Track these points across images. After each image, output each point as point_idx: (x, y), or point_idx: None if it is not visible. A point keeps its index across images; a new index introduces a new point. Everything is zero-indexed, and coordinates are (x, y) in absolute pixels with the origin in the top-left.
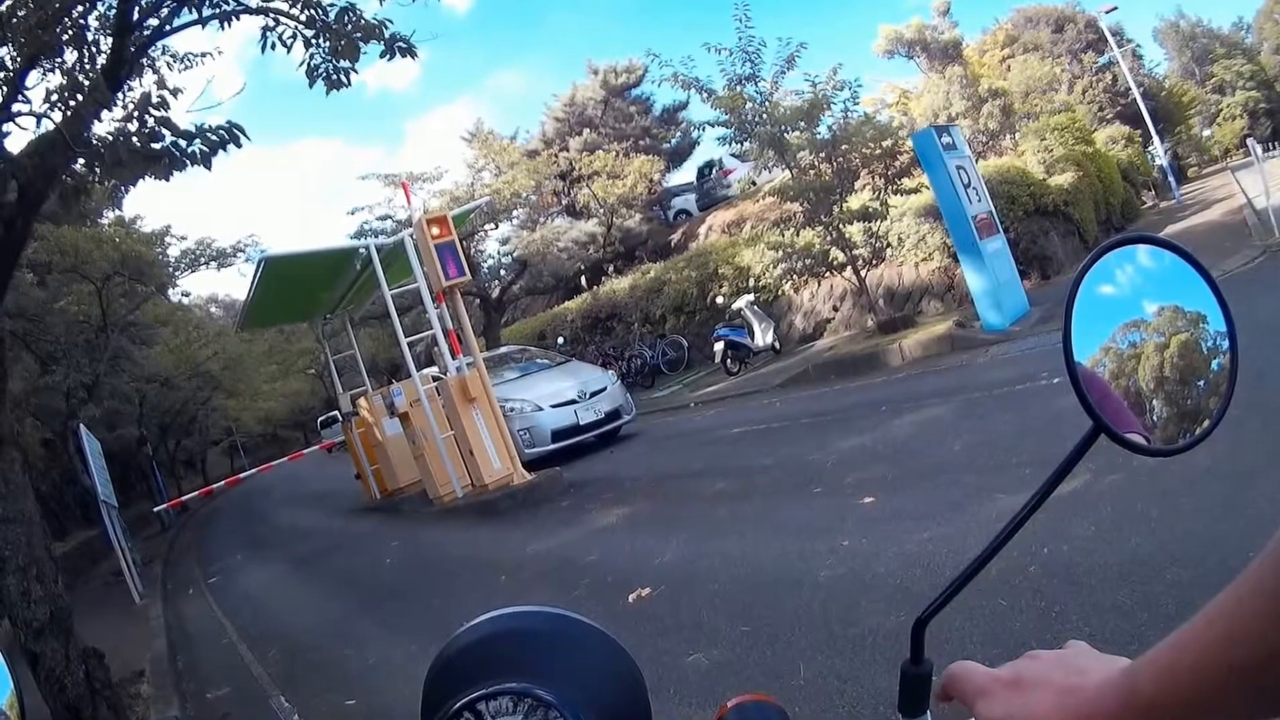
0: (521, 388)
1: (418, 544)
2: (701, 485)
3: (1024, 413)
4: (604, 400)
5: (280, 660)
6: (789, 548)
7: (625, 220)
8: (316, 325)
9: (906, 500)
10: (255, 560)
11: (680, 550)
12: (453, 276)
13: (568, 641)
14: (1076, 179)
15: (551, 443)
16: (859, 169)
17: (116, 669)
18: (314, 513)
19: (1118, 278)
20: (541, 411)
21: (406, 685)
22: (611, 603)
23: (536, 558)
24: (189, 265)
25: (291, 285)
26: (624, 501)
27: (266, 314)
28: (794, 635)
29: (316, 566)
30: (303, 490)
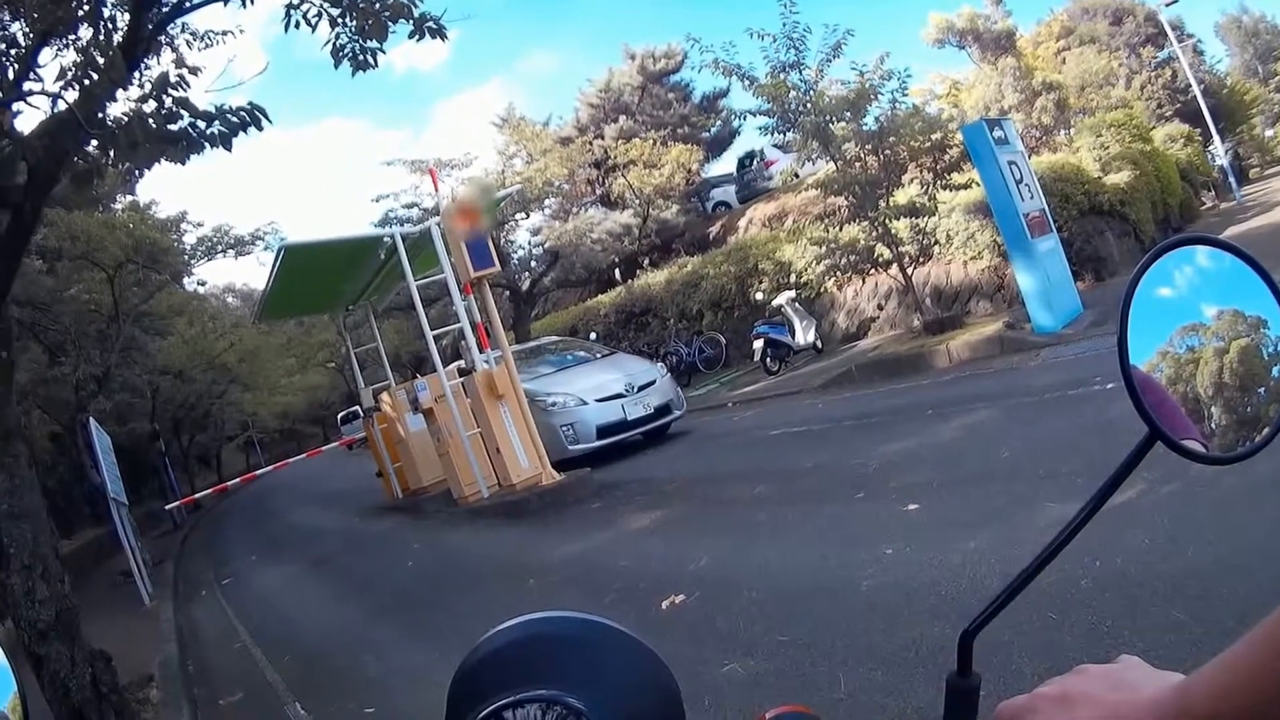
0: (563, 381)
1: (441, 546)
2: (739, 488)
3: (1076, 419)
4: (653, 394)
5: (295, 666)
6: (830, 555)
7: (662, 211)
8: (338, 317)
9: (952, 508)
10: (270, 561)
11: (716, 556)
12: (482, 267)
13: (600, 648)
14: (1133, 178)
15: (597, 439)
16: (906, 162)
17: (125, 672)
18: (332, 512)
19: (1175, 279)
20: (586, 406)
21: (428, 694)
22: (644, 609)
23: (566, 561)
24: (205, 253)
25: (312, 275)
26: (657, 504)
27: (285, 304)
28: (834, 646)
29: (334, 568)
30: (320, 488)
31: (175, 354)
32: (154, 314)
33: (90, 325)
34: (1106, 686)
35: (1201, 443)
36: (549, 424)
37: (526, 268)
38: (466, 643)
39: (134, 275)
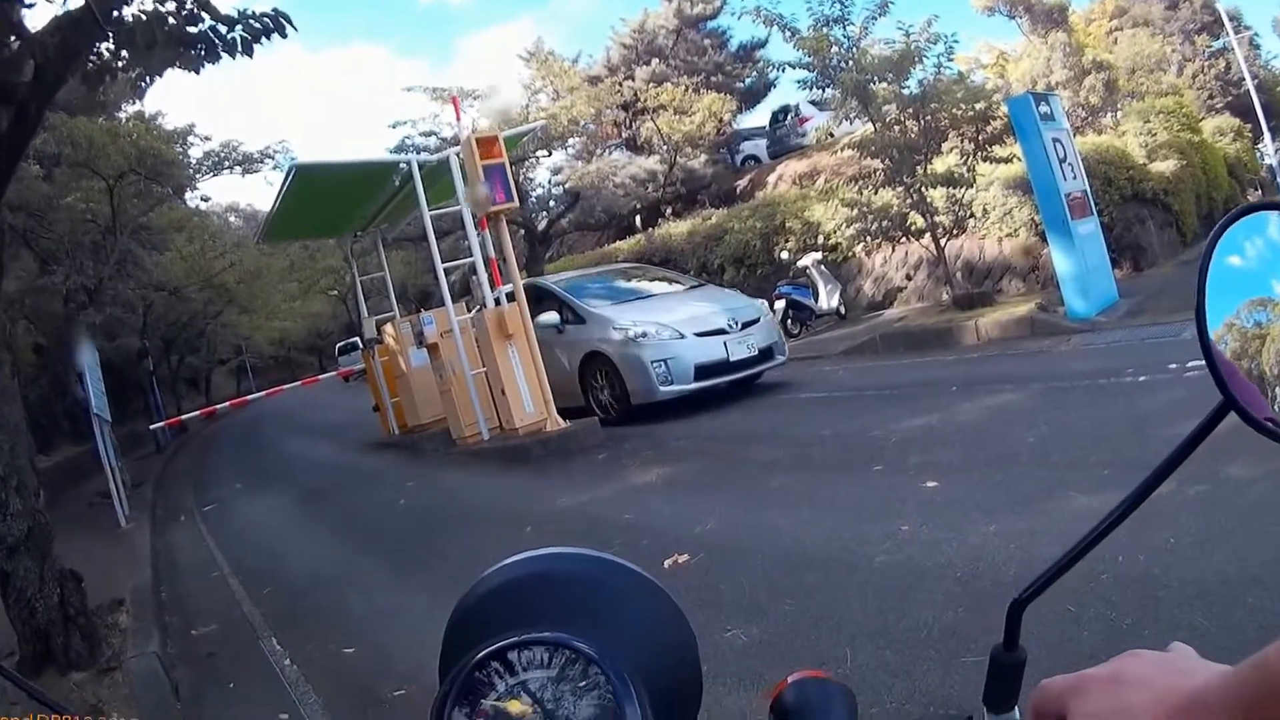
0: (653, 309)
1: (436, 486)
2: (752, 450)
3: (1106, 410)
4: (757, 334)
5: (275, 600)
6: (843, 527)
7: (689, 160)
8: (345, 243)
9: (972, 489)
10: (255, 491)
11: (724, 518)
12: (500, 201)
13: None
14: (1179, 168)
15: (694, 381)
16: (947, 130)
17: (94, 596)
18: (324, 444)
19: (1246, 250)
20: (684, 340)
21: (413, 636)
22: (647, 567)
23: (566, 512)
24: (211, 168)
25: (322, 197)
26: (665, 461)
27: (292, 226)
28: (842, 620)
29: (322, 502)
30: (313, 419)
31: (172, 270)
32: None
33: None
34: (1159, 671)
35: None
36: (635, 358)
37: (544, 207)
38: (457, 586)
39: (135, 186)
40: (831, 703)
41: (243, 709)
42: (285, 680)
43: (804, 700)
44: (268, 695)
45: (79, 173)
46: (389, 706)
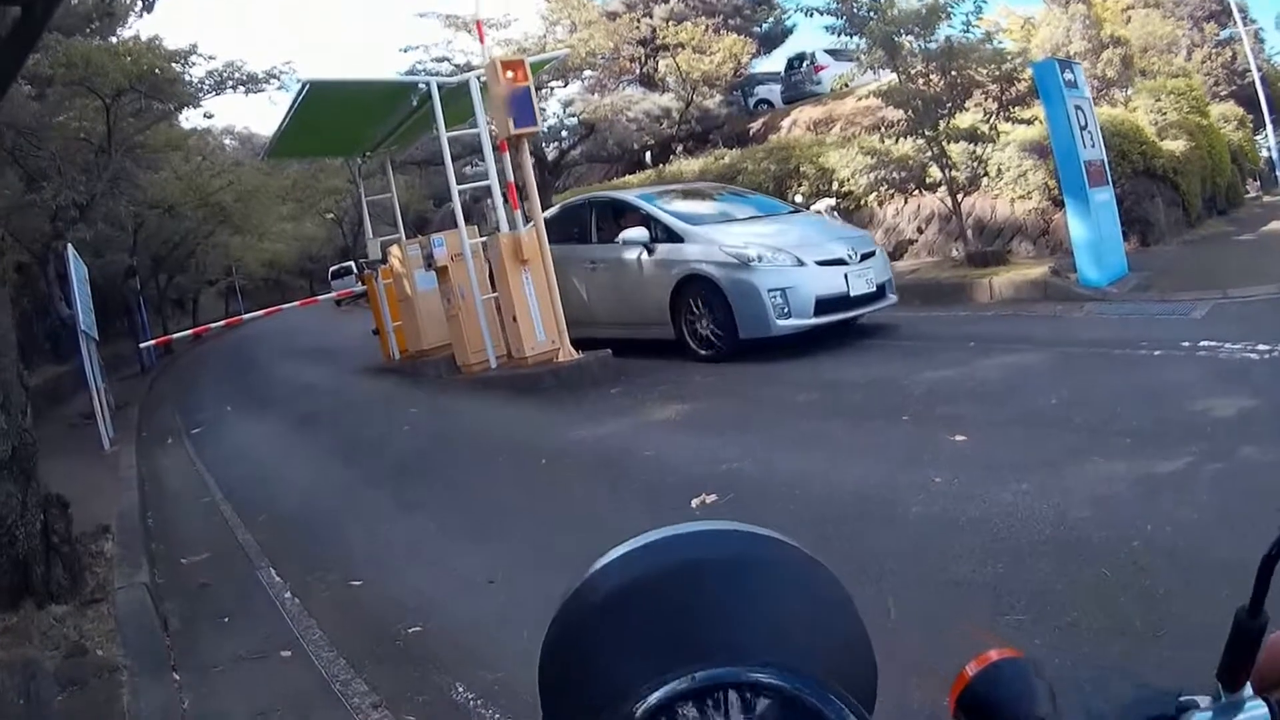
0: (763, 233)
1: (442, 413)
2: (780, 393)
3: (1124, 379)
4: (874, 268)
5: (271, 528)
6: (874, 475)
7: (705, 99)
8: (353, 163)
9: (1000, 446)
10: (248, 414)
11: (751, 459)
12: (523, 125)
13: (779, 579)
14: (1189, 149)
15: (814, 315)
16: (972, 87)
17: (78, 522)
18: (319, 367)
19: None
20: (804, 268)
21: (424, 570)
22: (673, 506)
23: (581, 445)
24: (214, 87)
25: (334, 115)
26: (684, 397)
27: (300, 144)
28: (882, 571)
29: (320, 427)
30: (305, 342)
31: (168, 188)
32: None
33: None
34: None
35: None
36: (748, 285)
37: (556, 137)
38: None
39: (133, 104)
40: (1026, 685)
41: (240, 644)
42: (286, 613)
43: (993, 689)
44: (266, 629)
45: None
46: (402, 645)
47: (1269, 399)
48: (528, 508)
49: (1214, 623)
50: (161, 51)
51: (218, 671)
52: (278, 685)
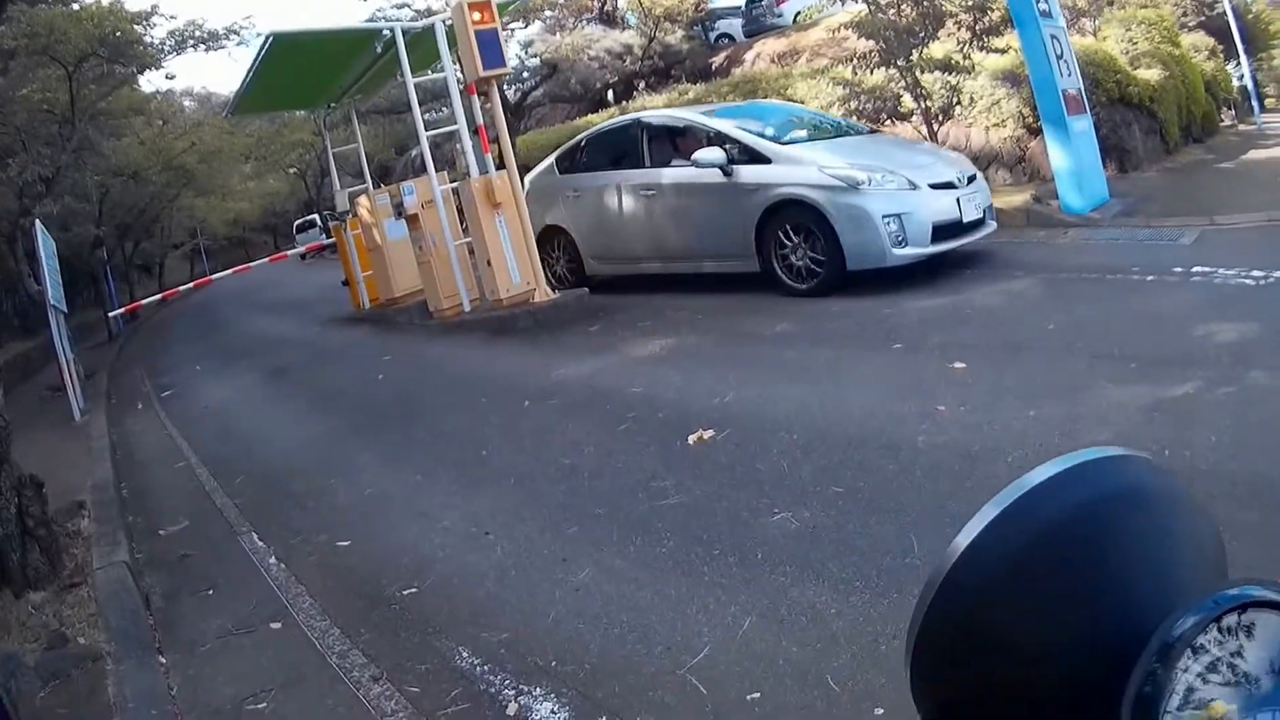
0: (859, 151)
1: (417, 360)
2: (760, 324)
3: (1121, 305)
4: (980, 192)
5: (250, 489)
6: (875, 405)
7: (667, 35)
8: (318, 114)
9: (1004, 373)
10: (218, 372)
11: (743, 392)
12: (491, 67)
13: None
14: (1163, 77)
15: (930, 243)
16: (944, 18)
17: (52, 499)
18: (287, 321)
19: None
20: (917, 191)
21: (413, 525)
22: (668, 442)
23: (565, 384)
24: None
25: (299, 67)
26: (665, 332)
27: (265, 98)
28: (899, 504)
29: (293, 380)
30: (272, 296)
31: (131, 154)
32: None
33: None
34: None
35: None
36: (859, 210)
37: (518, 79)
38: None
39: (96, 70)
40: None
41: (226, 618)
42: (272, 581)
43: None
44: (254, 600)
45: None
46: (398, 608)
47: (1271, 325)
48: (515, 452)
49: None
50: (123, 14)
51: (205, 650)
52: (269, 661)
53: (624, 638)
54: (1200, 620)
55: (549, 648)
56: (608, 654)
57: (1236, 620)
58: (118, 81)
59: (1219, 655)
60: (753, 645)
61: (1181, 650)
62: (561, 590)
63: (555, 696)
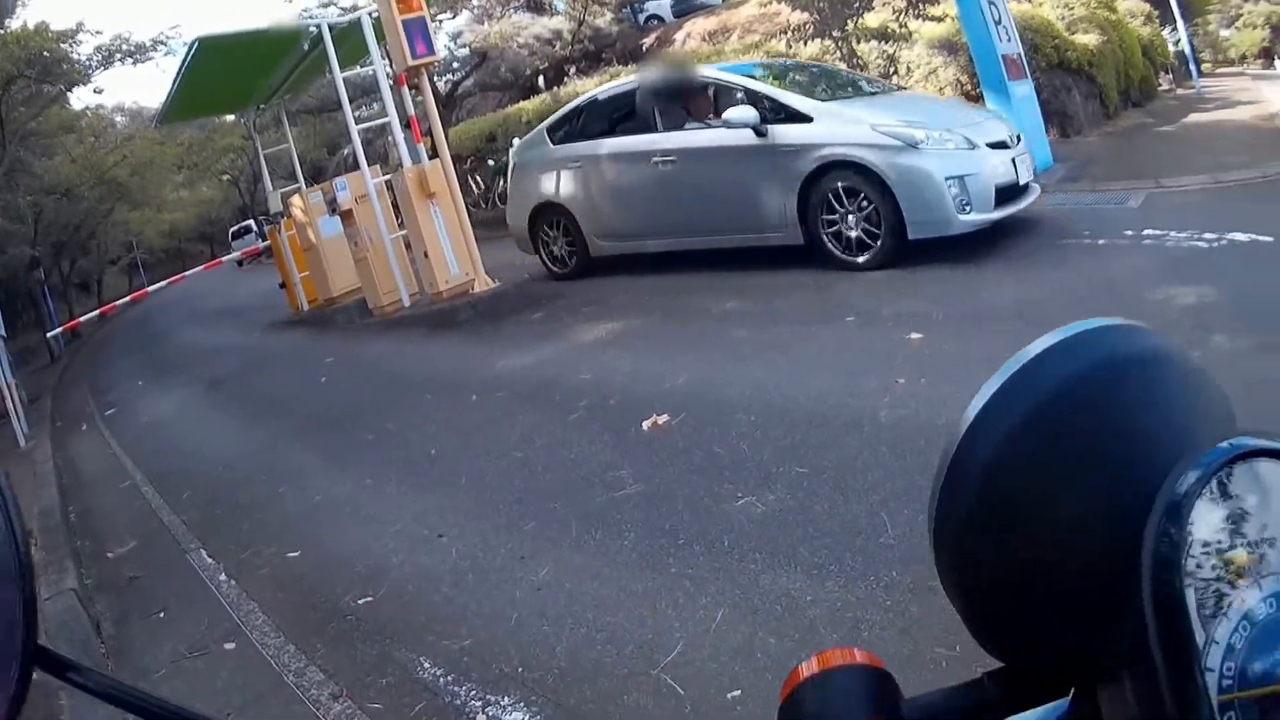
0: (909, 109)
1: (359, 360)
2: (705, 302)
3: (1074, 270)
4: (1028, 154)
5: (196, 505)
6: (832, 381)
7: (596, 18)
8: (248, 117)
9: (963, 342)
10: (159, 386)
11: (696, 374)
12: (421, 54)
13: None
14: (1101, 42)
15: (994, 208)
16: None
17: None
18: (228, 329)
19: None
20: (976, 151)
21: (365, 529)
22: (622, 430)
23: (512, 375)
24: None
25: (226, 70)
26: (610, 316)
27: (193, 104)
28: (865, 482)
29: (234, 389)
30: (209, 305)
31: (64, 171)
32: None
33: None
34: None
35: None
36: (921, 172)
37: (448, 69)
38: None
39: (24, 92)
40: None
41: (179, 640)
42: (224, 599)
43: (823, 702)
44: (205, 620)
45: None
46: (354, 619)
47: (1228, 288)
48: (464, 449)
49: None
50: (48, 34)
51: (159, 677)
52: (225, 683)
53: (592, 638)
54: (1204, 474)
55: (514, 653)
56: (576, 657)
57: (1247, 471)
58: (47, 100)
59: (1233, 509)
60: (727, 639)
61: (1190, 505)
62: (522, 590)
63: (525, 705)
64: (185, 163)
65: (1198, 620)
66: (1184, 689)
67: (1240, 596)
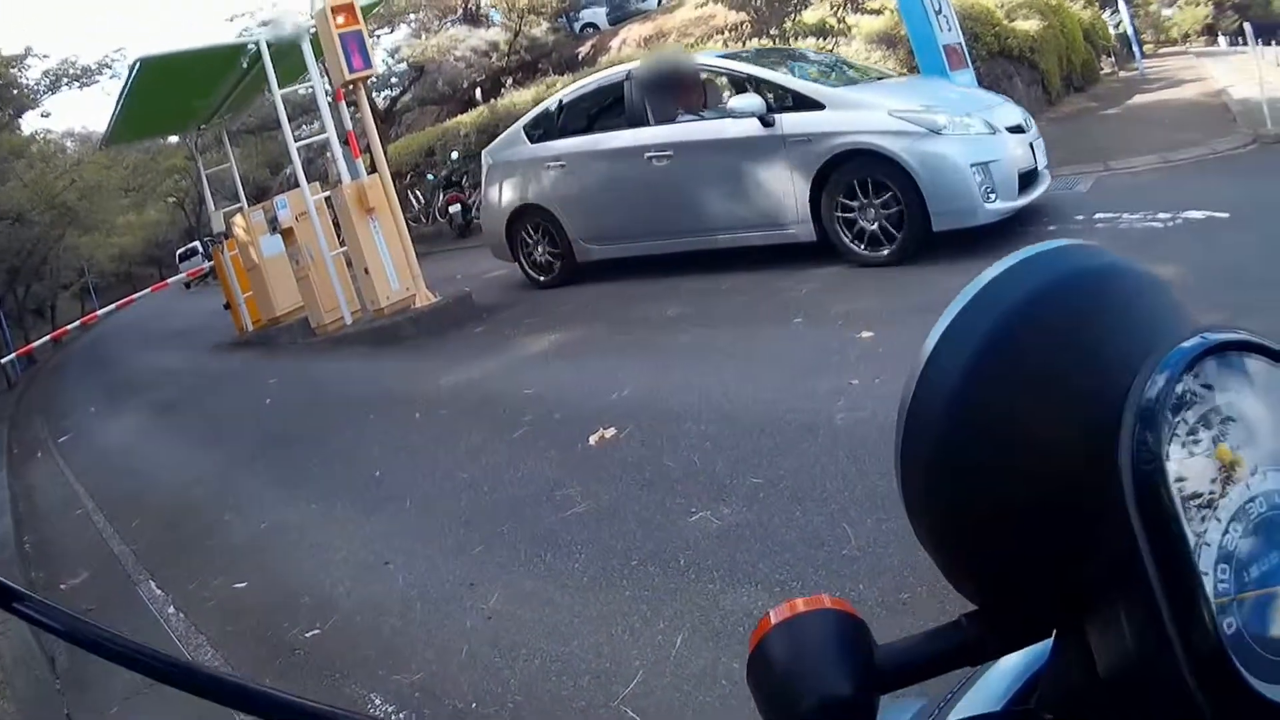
0: (923, 93)
1: (303, 380)
2: (648, 309)
3: None
4: (1039, 139)
5: (147, 533)
6: (784, 385)
7: (532, 29)
8: (190, 138)
9: (916, 337)
10: (111, 412)
11: (642, 383)
12: (358, 69)
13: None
14: (1043, 28)
15: (1018, 195)
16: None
17: None
18: (176, 351)
19: None
20: (998, 136)
21: (311, 558)
22: (568, 445)
23: (456, 391)
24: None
25: (168, 91)
26: (552, 327)
27: (137, 126)
28: (824, 490)
29: (182, 413)
30: (162, 327)
31: (15, 197)
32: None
33: None
34: None
35: None
36: (946, 160)
37: (386, 84)
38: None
39: None
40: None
41: (132, 675)
42: (173, 633)
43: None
44: None
45: None
46: (303, 654)
47: (1187, 267)
48: (409, 470)
49: None
50: None
51: (114, 713)
52: None
53: (546, 669)
54: (1174, 373)
55: (466, 687)
56: (531, 690)
57: (1220, 363)
58: None
59: (1209, 405)
60: (689, 665)
61: (1163, 407)
62: (472, 619)
63: None
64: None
65: (1187, 525)
66: (1183, 599)
67: (1229, 495)
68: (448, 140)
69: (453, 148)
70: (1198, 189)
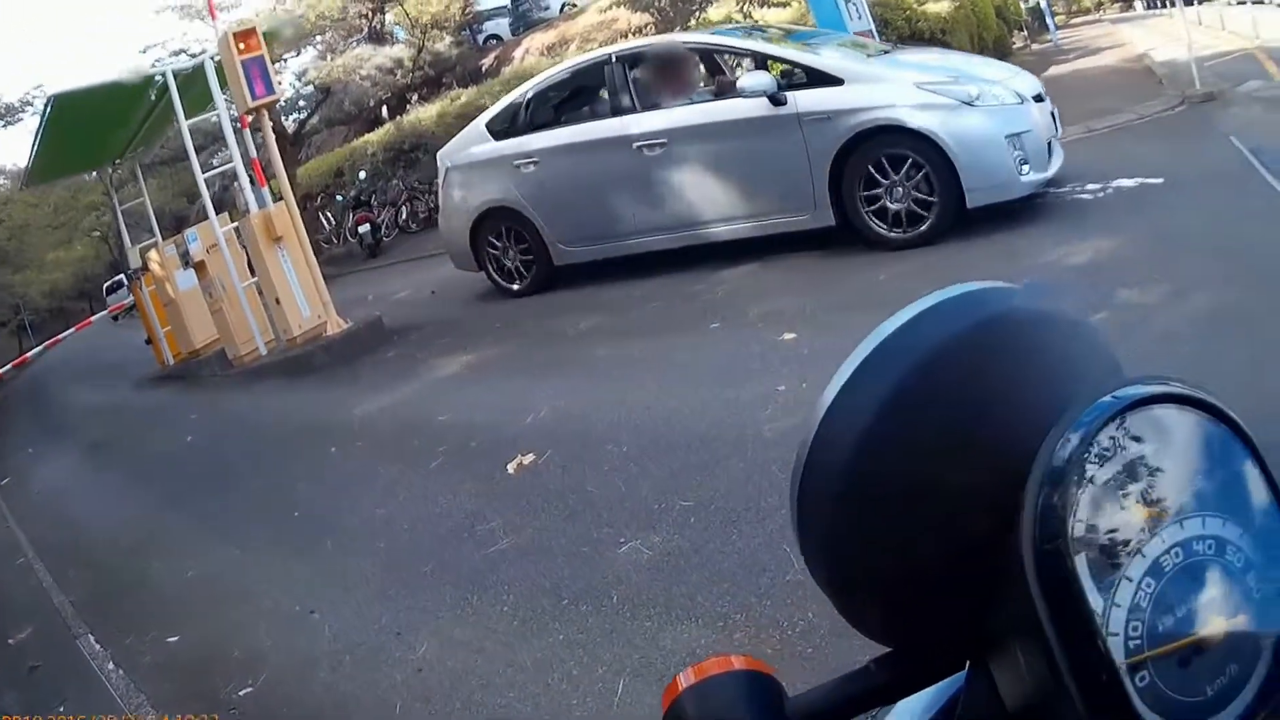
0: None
1: (221, 415)
2: (560, 323)
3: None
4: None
5: (84, 583)
6: (708, 396)
7: (435, 43)
8: (105, 173)
9: (840, 337)
10: (47, 452)
11: (559, 403)
12: (260, 95)
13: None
14: (954, 9)
15: (1048, 165)
16: None
17: None
18: (103, 388)
19: None
20: (1025, 105)
21: (237, 610)
22: (487, 475)
23: (369, 421)
24: None
25: (82, 126)
26: (464, 347)
27: (56, 164)
28: (759, 510)
29: (110, 452)
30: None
31: None
32: None
33: None
34: None
35: None
36: (982, 132)
37: (294, 108)
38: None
39: None
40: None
41: None
42: (114, 691)
43: (704, 710)
44: (103, 713)
45: None
46: (238, 713)
47: (1122, 238)
48: (328, 509)
49: None
50: None
51: None
52: None
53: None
54: (1086, 433)
55: None
56: None
57: (1139, 420)
58: None
59: (1124, 462)
60: (634, 713)
61: (1074, 469)
62: (402, 673)
63: None
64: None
65: (1093, 588)
66: (1082, 660)
67: (1141, 553)
68: (356, 160)
69: (360, 167)
70: (1127, 156)
